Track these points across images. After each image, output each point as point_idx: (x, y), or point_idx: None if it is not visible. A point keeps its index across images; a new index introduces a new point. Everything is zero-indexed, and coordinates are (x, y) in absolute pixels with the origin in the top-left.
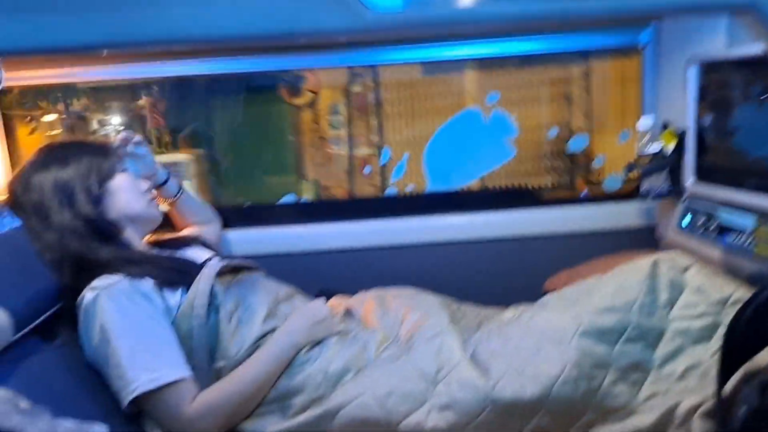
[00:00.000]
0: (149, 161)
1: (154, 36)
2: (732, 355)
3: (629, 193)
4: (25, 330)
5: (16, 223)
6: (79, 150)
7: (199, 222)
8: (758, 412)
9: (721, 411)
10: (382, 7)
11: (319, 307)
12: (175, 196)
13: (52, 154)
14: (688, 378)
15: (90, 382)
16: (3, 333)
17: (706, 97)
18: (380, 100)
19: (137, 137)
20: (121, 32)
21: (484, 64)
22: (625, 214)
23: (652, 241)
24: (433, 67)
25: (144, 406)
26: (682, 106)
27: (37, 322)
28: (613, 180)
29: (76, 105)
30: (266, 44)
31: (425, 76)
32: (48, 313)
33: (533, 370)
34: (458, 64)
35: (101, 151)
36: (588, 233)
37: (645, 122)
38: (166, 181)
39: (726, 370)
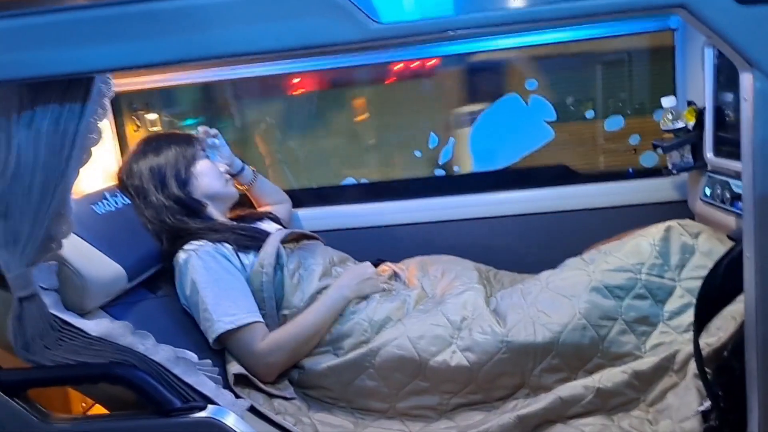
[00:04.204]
0: (225, 151)
1: (210, 52)
2: (708, 304)
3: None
4: (136, 281)
5: (127, 201)
6: (169, 141)
7: (273, 202)
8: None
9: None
10: (388, 18)
11: (365, 267)
12: (250, 181)
13: (148, 145)
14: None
15: (184, 325)
16: (120, 282)
17: (721, 76)
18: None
19: (214, 130)
20: (189, 50)
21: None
22: (660, 189)
23: (685, 214)
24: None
25: (225, 344)
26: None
27: (144, 276)
28: (649, 157)
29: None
30: (289, 55)
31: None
32: (153, 270)
33: (545, 319)
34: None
35: (186, 141)
36: (625, 207)
37: (668, 100)
38: (242, 170)
39: (703, 316)
